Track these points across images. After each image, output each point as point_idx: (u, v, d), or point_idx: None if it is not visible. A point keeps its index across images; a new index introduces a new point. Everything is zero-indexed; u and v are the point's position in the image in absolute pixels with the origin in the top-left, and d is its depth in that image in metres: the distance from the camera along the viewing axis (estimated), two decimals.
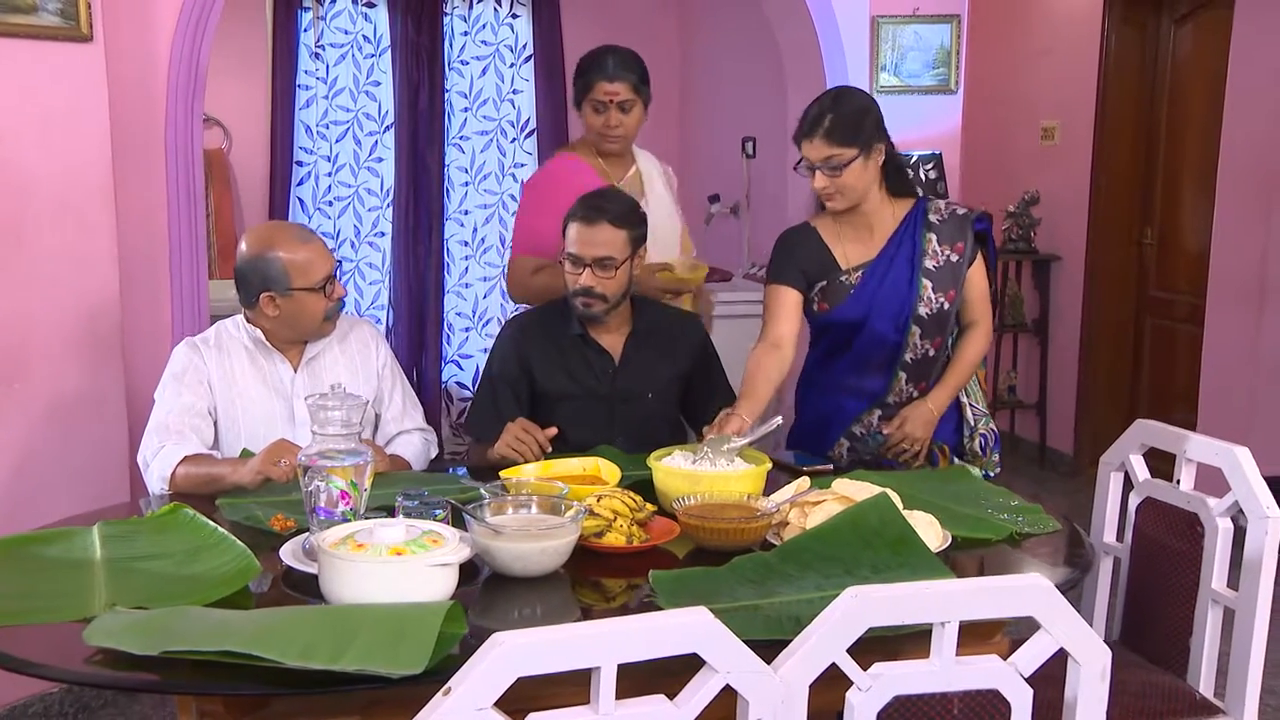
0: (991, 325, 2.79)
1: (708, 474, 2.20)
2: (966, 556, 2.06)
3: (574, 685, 1.35)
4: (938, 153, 4.54)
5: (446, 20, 6.06)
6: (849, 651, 1.49)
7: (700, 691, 1.39)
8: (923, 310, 2.66)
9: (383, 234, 6.07)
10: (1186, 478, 2.37)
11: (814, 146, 2.57)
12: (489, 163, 6.22)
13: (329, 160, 5.97)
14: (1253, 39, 4.55)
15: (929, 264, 2.66)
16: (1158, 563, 2.39)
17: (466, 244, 6.23)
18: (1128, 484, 2.50)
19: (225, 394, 2.54)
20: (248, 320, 2.58)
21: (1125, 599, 2.49)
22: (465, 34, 6.13)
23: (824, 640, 1.48)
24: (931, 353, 2.71)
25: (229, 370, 2.55)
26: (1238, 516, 2.22)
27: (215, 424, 2.54)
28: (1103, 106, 5.49)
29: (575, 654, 1.33)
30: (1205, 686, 2.26)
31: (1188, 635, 2.29)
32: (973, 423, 2.80)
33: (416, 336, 6.10)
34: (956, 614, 1.52)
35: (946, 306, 2.68)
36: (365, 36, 5.96)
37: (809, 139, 2.58)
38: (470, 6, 6.12)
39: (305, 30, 5.86)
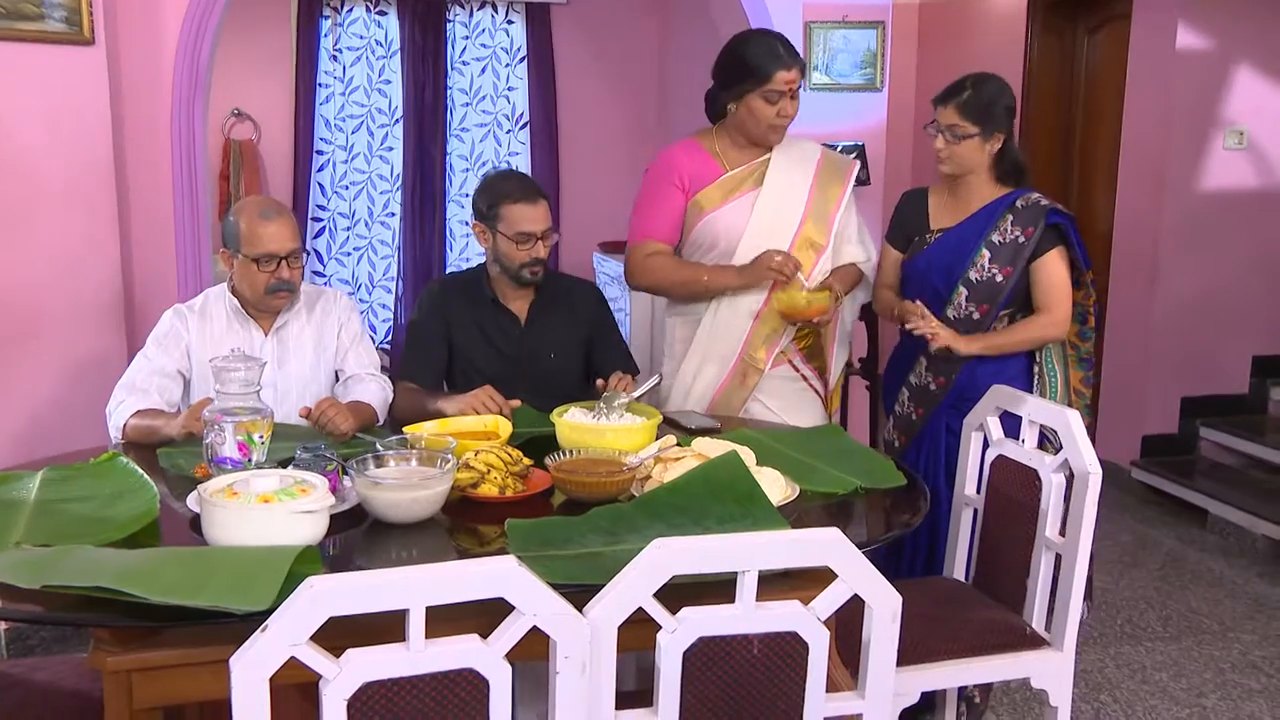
0: (1065, 318, 2.60)
1: (606, 426, 2.14)
2: (815, 508, 1.99)
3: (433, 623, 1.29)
4: (861, 143, 4.42)
5: (449, 25, 5.97)
6: (658, 597, 1.43)
7: (508, 632, 1.34)
8: (973, 274, 2.59)
9: (392, 214, 6.01)
10: (1029, 437, 2.29)
11: (945, 112, 2.57)
12: (486, 152, 6.15)
13: (345, 150, 5.92)
14: (1145, 50, 4.42)
15: (995, 237, 2.58)
16: (1005, 513, 2.32)
17: (466, 224, 6.17)
18: (988, 444, 2.43)
19: (201, 355, 2.47)
20: (230, 289, 2.53)
21: (979, 545, 2.43)
22: (466, 38, 6.04)
23: (631, 586, 1.42)
24: (976, 316, 2.61)
25: (208, 332, 2.49)
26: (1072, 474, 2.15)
27: (187, 384, 2.49)
28: (1026, 106, 5.34)
29: (384, 597, 1.28)
30: (1038, 622, 2.20)
31: (1026, 577, 2.23)
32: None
33: None
34: (755, 564, 1.46)
35: (999, 279, 2.58)
36: (377, 40, 5.89)
37: (944, 104, 2.57)
38: (471, 13, 6.02)
39: (325, 35, 5.79)
